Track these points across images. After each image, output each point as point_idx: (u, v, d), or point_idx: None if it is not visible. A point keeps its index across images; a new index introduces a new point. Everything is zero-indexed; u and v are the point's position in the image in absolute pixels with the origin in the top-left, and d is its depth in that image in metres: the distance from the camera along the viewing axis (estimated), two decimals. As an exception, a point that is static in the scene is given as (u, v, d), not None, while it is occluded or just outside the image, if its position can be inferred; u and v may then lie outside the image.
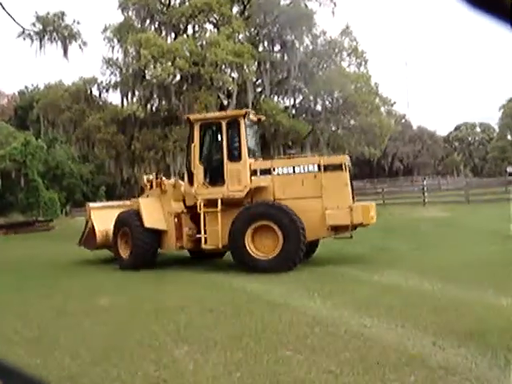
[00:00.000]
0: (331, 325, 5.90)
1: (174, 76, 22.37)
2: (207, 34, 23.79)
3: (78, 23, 24.77)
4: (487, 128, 78.76)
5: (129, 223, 11.90)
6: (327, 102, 26.43)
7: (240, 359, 4.89)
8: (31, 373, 1.37)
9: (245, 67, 21.75)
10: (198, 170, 11.20)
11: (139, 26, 24.38)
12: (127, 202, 13.80)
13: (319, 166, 10.50)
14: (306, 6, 24.70)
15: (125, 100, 24.86)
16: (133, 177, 27.23)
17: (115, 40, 24.42)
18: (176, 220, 11.61)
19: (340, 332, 5.60)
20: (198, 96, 21.67)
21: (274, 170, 10.76)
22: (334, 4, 24.87)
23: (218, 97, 23.28)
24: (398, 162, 70.24)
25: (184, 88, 23.12)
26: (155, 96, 23.97)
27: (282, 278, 9.41)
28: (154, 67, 21.07)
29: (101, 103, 26.16)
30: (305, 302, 7.15)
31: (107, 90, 25.80)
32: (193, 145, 11.23)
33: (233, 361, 4.86)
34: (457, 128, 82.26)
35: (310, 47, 26.66)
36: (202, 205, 11.02)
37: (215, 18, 23.90)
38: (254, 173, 10.84)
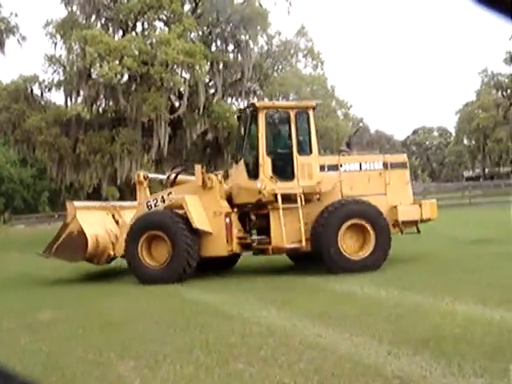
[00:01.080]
0: (285, 335, 5.74)
1: (122, 75, 21.68)
2: (157, 32, 23.17)
3: (16, 16, 23.81)
4: (444, 132, 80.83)
5: (167, 225, 10.11)
6: (282, 105, 26.35)
7: (190, 373, 4.71)
8: (23, 376, 1.32)
9: (197, 67, 21.30)
10: (266, 163, 10.24)
11: (84, 21, 23.42)
12: (113, 203, 12.60)
13: (384, 164, 10.63)
14: (260, 5, 24.50)
15: (69, 100, 23.76)
16: (77, 182, 26.23)
17: (58, 36, 23.31)
18: (227, 220, 10.29)
19: (294, 342, 5.44)
20: (147, 97, 21.05)
21: (341, 166, 10.54)
22: (290, 3, 24.82)
23: (169, 98, 22.81)
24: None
25: (132, 88, 22.44)
26: (102, 96, 23.06)
27: (237, 287, 9.25)
28: (101, 66, 20.30)
29: (42, 103, 24.97)
30: (259, 313, 6.98)
31: (49, 90, 24.57)
32: (259, 135, 10.29)
33: (182, 375, 4.68)
34: (414, 132, 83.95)
35: (265, 48, 26.58)
36: (275, 200, 10.05)
37: (166, 16, 23.36)
38: (321, 168, 10.47)
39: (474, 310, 6.19)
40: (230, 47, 24.73)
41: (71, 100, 23.70)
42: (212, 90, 24.95)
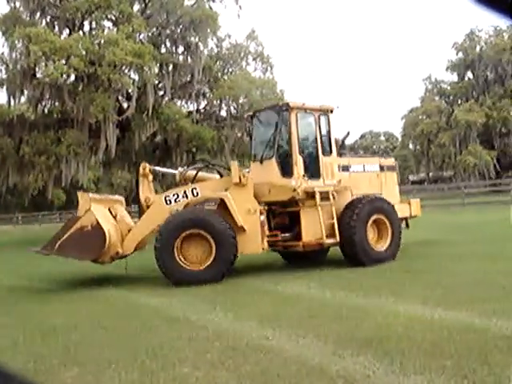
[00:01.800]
0: (232, 338, 5.73)
1: (68, 75, 21.07)
2: (105, 32, 22.68)
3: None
4: (391, 137, 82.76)
5: (210, 223, 9.69)
6: (232, 108, 26.30)
7: (135, 379, 4.63)
8: (21, 376, 1.31)
9: (145, 69, 21.04)
10: (299, 162, 10.49)
11: (28, 18, 22.67)
12: (117, 197, 11.63)
13: (380, 166, 11.70)
14: (210, 7, 24.47)
15: (12, 99, 22.86)
16: (21, 184, 25.30)
17: (0, 33, 22.54)
18: (262, 218, 10.26)
19: (241, 345, 5.44)
20: (94, 98, 20.58)
21: (350, 167, 11.24)
22: (240, 7, 24.92)
23: (117, 99, 22.42)
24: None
25: (79, 89, 21.91)
26: (47, 96, 22.32)
27: (185, 290, 9.13)
28: (46, 65, 19.72)
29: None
30: (206, 316, 6.94)
31: (-9, 88, 23.62)
32: (292, 134, 10.54)
33: (127, 381, 4.59)
34: (362, 136, 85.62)
35: (215, 50, 26.53)
36: (306, 198, 10.40)
37: (114, 16, 22.96)
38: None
39: (415, 310, 6.35)
40: (180, 49, 24.61)
41: (14, 99, 22.87)
42: (161, 92, 24.72)
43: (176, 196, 10.37)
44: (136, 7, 24.14)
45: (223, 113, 26.37)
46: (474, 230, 15.65)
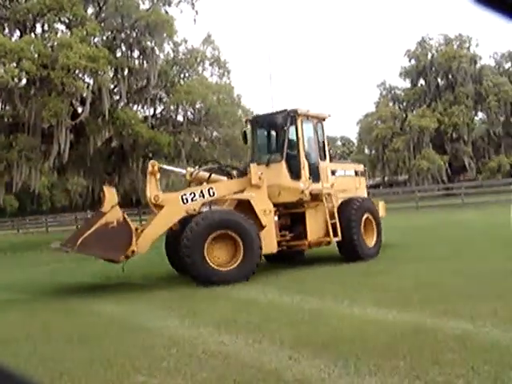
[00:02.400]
0: (189, 345, 5.69)
1: (20, 79, 20.55)
2: (58, 35, 22.21)
3: None
4: (347, 141, 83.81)
5: (240, 225, 9.75)
6: (189, 113, 26.17)
7: (88, 390, 4.49)
8: (22, 373, 1.27)
9: (100, 73, 20.70)
10: (305, 165, 11.07)
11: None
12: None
13: (355, 171, 12.81)
14: (166, 12, 24.30)
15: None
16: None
17: None
18: (276, 218, 10.67)
19: (197, 352, 5.40)
20: (47, 102, 20.09)
21: (336, 171, 12.10)
22: (196, 12, 24.80)
23: (71, 104, 21.94)
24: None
25: (31, 93, 21.34)
26: (-3, 100, 21.76)
27: (140, 297, 9.02)
28: (-4, 68, 19.21)
29: None
30: (162, 323, 6.86)
31: None
32: (299, 139, 11.09)
33: (80, 392, 4.44)
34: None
35: (172, 55, 26.36)
36: (311, 199, 11.01)
37: (68, 18, 22.44)
38: None
39: (369, 312, 6.45)
40: (136, 53, 24.30)
41: (-37, 103, 22.06)
42: (117, 97, 24.35)
43: (193, 195, 10.26)
44: (90, 10, 23.77)
45: (180, 118, 26.24)
46: (426, 233, 16.04)
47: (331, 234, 10.97)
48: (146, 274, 11.98)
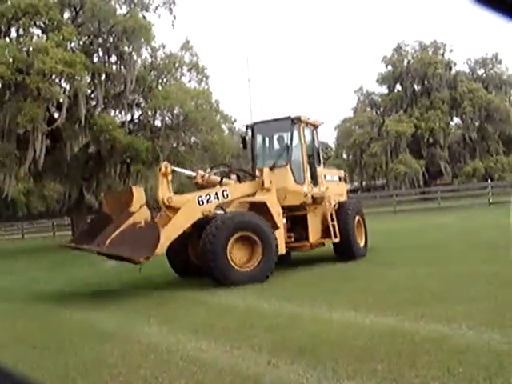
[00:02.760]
0: (166, 352, 5.65)
1: (-6, 84, 20.29)
2: (34, 40, 21.86)
3: None
4: (325, 147, 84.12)
5: (260, 226, 9.99)
6: (167, 118, 26.04)
7: (65, 398, 4.44)
8: (22, 374, 1.28)
9: (77, 78, 20.49)
10: (307, 170, 11.71)
11: None
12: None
13: (339, 177, 13.34)
14: (144, 17, 24.18)
15: None
16: None
17: None
18: (284, 220, 11.12)
19: (175, 358, 5.37)
20: (22, 107, 19.80)
21: (326, 176, 12.50)
22: (174, 17, 24.74)
23: (47, 109, 21.66)
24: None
25: (6, 98, 21.01)
26: (-30, 105, 21.24)
27: (118, 304, 8.93)
28: (-32, 72, 18.80)
29: None
30: (140, 330, 6.81)
31: None
32: (302, 144, 11.69)
33: (56, 401, 4.39)
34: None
35: (149, 60, 26.23)
36: (312, 202, 11.51)
37: (43, 23, 22.13)
38: None
39: (347, 316, 6.48)
40: (113, 58, 24.10)
41: None
42: (94, 102, 24.11)
43: (208, 197, 10.38)
44: (66, 15, 23.45)
45: (158, 123, 26.09)
46: (403, 237, 16.22)
47: (333, 235, 11.52)
48: (124, 281, 11.89)
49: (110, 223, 9.43)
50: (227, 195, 10.58)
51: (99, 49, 23.87)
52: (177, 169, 11.32)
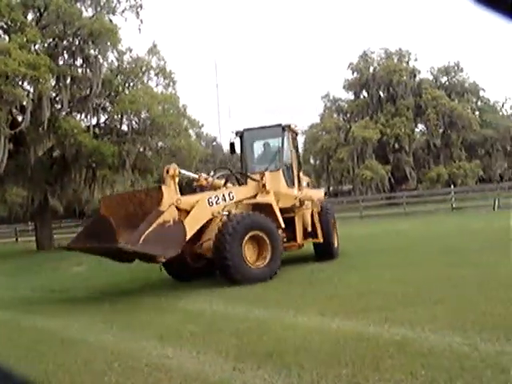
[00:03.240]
0: (131, 358, 5.58)
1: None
2: (-4, 41, 21.45)
3: None
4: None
5: (268, 226, 10.54)
6: (134, 123, 25.76)
7: (24, 409, 4.34)
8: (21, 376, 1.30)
9: (41, 81, 20.09)
10: (295, 174, 12.52)
11: None
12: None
13: (307, 183, 13.83)
14: (110, 20, 23.91)
15: None
16: None
17: None
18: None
19: (141, 365, 5.32)
20: (-17, 110, 19.39)
21: (302, 180, 13.00)
22: (141, 21, 24.52)
23: (10, 112, 21.18)
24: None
25: (-34, 100, 20.52)
26: None
27: (83, 310, 8.81)
28: None
29: None
30: (105, 336, 6.72)
31: None
32: (292, 150, 12.53)
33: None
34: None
35: (116, 64, 25.93)
36: (300, 204, 12.04)
37: (5, 24, 21.63)
38: None
39: (313, 321, 6.52)
40: (79, 61, 23.74)
41: None
42: (59, 106, 23.70)
43: (217, 198, 10.70)
44: (30, 16, 22.99)
45: (124, 127, 25.79)
46: (369, 242, 16.42)
47: (320, 235, 12.22)
48: (90, 287, 11.72)
49: (108, 225, 9.63)
50: (233, 197, 10.93)
51: (64, 51, 23.46)
52: (183, 171, 11.38)
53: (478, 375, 4.12)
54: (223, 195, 10.81)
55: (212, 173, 13.08)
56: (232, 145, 13.12)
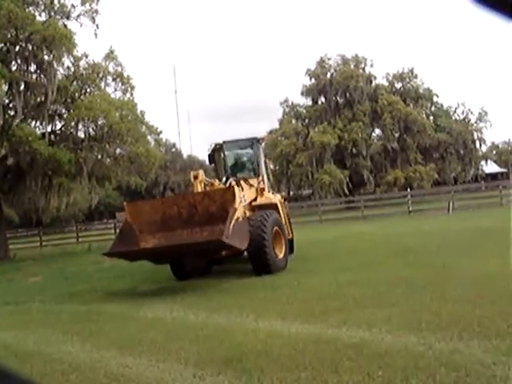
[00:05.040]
0: (90, 369, 5.49)
1: None
2: None
3: None
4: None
5: (282, 223, 12.29)
6: (91, 129, 25.36)
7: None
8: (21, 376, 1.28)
9: (-7, 87, 19.60)
10: (266, 180, 13.86)
11: None
12: None
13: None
14: (65, 25, 23.48)
15: None
16: None
17: None
18: None
19: (99, 376, 5.24)
20: None
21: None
22: (97, 26, 24.17)
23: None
24: (170, 191, 70.75)
25: None
26: None
27: (39, 322, 8.60)
28: None
29: None
30: (62, 348, 6.58)
31: None
32: (263, 159, 13.98)
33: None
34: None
35: (72, 70, 25.49)
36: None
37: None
38: None
39: (274, 325, 6.56)
40: (33, 67, 23.26)
41: None
42: (12, 113, 23.12)
43: (240, 200, 11.42)
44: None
45: (81, 134, 25.36)
46: (329, 245, 16.60)
47: (292, 234, 13.54)
48: (47, 298, 11.44)
49: (132, 231, 10.64)
50: (245, 199, 11.77)
51: (17, 57, 22.94)
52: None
53: (432, 373, 4.23)
54: (243, 196, 11.69)
55: (224, 179, 13.86)
56: (210, 156, 14.78)
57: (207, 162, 17.70)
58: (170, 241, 10.45)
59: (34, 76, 23.32)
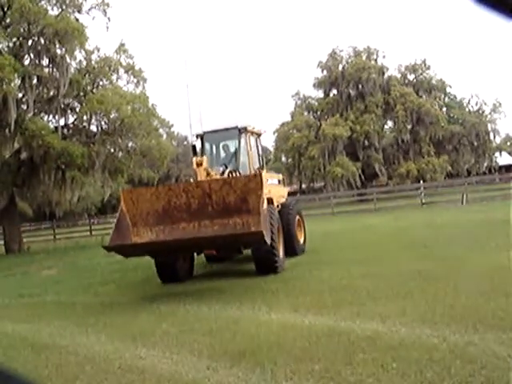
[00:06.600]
0: (104, 361, 5.54)
1: None
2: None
3: None
4: (264, 150, 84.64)
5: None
6: (103, 123, 25.42)
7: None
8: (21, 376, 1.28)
9: (6, 81, 19.70)
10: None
11: None
12: None
13: (278, 180, 14.43)
14: (76, 19, 23.52)
15: None
16: None
17: None
18: None
19: (113, 367, 5.28)
20: None
21: (268, 180, 12.97)
22: (109, 19, 24.20)
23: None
24: (181, 184, 70.91)
25: None
26: None
27: (54, 314, 8.68)
28: None
29: None
30: (77, 340, 6.64)
31: None
32: (251, 151, 12.97)
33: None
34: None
35: (84, 63, 25.56)
36: None
37: (-32, 23, 21.29)
38: None
39: (287, 318, 6.57)
40: (45, 61, 23.33)
41: None
42: (25, 106, 23.22)
43: None
44: (-8, 15, 22.57)
45: (93, 128, 25.45)
46: (341, 238, 16.56)
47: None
48: (61, 290, 11.55)
49: (126, 223, 9.85)
50: None
51: (30, 51, 23.04)
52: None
53: (447, 366, 4.21)
54: None
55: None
56: (194, 147, 13.15)
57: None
58: (171, 236, 9.59)
59: (47, 70, 23.39)
